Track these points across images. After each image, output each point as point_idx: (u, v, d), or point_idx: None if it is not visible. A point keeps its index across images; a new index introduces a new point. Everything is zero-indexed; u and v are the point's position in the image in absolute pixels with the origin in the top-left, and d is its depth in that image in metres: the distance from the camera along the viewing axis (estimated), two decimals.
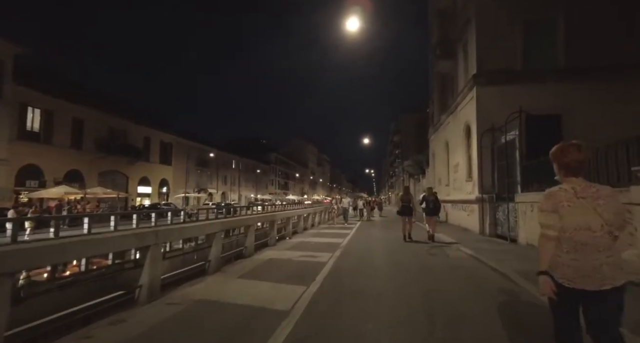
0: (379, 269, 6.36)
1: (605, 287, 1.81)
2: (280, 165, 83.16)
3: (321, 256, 7.82)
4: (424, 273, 5.89)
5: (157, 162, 36.84)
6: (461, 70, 14.99)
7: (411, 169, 35.97)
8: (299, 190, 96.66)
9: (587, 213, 1.88)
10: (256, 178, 66.08)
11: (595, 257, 1.85)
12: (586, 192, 1.93)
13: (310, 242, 10.64)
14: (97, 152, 28.23)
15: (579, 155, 2.01)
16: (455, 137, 15.53)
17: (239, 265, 7.09)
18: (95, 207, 25.61)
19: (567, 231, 1.89)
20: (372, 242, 10.40)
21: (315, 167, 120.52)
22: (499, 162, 11.18)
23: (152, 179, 36.18)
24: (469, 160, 14.04)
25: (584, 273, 1.85)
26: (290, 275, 5.97)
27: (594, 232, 1.85)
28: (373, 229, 14.46)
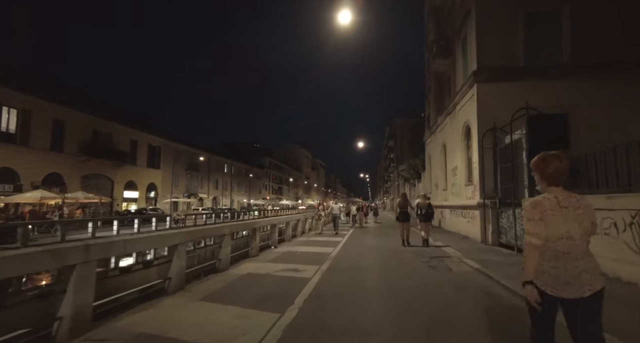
0: (370, 289, 5.37)
1: (586, 294, 1.87)
2: (274, 170, 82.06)
3: (306, 270, 6.82)
4: (426, 296, 4.91)
5: (144, 165, 35.64)
6: (459, 68, 14.18)
7: (406, 174, 35.13)
8: (293, 195, 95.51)
9: (569, 222, 1.93)
10: (249, 182, 64.87)
11: (575, 264, 1.91)
12: (568, 202, 1.98)
13: (297, 252, 9.64)
14: (80, 154, 27.05)
15: (560, 165, 2.04)
16: (454, 138, 14.68)
17: (208, 282, 6.07)
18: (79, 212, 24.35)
19: (550, 240, 1.94)
20: (365, 252, 9.41)
21: (309, 171, 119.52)
22: (502, 165, 10.29)
23: (139, 183, 34.95)
24: (468, 163, 13.16)
25: (565, 280, 1.90)
26: (264, 297, 4.96)
27: (574, 241, 1.91)
28: (366, 237, 13.45)
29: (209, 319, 4.02)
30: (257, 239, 9.04)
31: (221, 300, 4.81)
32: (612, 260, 5.38)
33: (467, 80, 12.29)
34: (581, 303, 1.88)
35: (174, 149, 41.30)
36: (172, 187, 38.41)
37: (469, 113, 12.50)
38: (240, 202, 60.97)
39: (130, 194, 33.95)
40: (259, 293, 5.20)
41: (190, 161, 44.74)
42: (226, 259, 7.17)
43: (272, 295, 5.04)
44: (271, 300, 4.80)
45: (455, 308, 4.26)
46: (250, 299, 4.85)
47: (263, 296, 5.02)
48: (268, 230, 11.22)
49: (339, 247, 10.39)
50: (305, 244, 11.40)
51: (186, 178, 44.47)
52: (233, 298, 4.95)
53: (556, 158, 2.06)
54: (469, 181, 12.76)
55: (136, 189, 34.75)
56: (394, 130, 64.34)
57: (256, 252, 9.00)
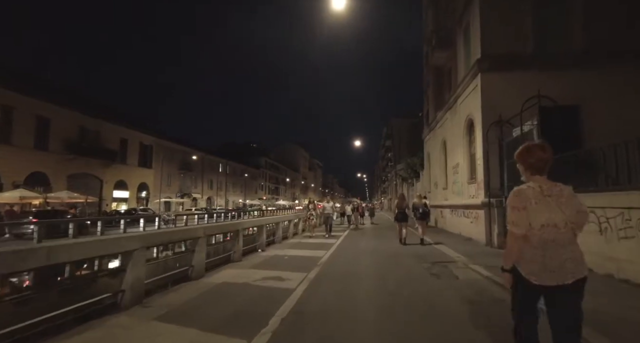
0: (363, 304, 4.49)
1: (568, 281, 1.90)
2: (270, 170, 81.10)
3: (290, 279, 5.94)
4: (430, 313, 4.03)
5: (135, 164, 34.61)
6: (461, 59, 13.34)
7: (404, 173, 34.29)
8: (290, 195, 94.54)
9: (552, 211, 1.94)
10: (244, 182, 63.87)
11: (560, 252, 1.94)
12: (551, 191, 2.00)
13: (285, 255, 8.75)
14: (66, 153, 26.03)
15: (543, 155, 2.07)
16: (455, 134, 13.84)
17: (175, 294, 5.18)
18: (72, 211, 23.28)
19: (534, 228, 1.95)
20: (359, 256, 8.52)
21: (306, 171, 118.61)
22: (509, 160, 9.45)
23: (130, 183, 33.91)
24: (471, 160, 12.32)
25: (550, 268, 1.92)
26: (234, 315, 4.08)
27: (559, 229, 1.93)
28: (362, 239, 12.54)
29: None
30: (240, 242, 8.14)
31: (180, 320, 3.92)
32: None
33: (470, 71, 11.45)
34: (563, 290, 1.92)
35: (167, 148, 40.30)
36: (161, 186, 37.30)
37: (471, 106, 11.67)
38: (236, 202, 59.95)
39: (120, 194, 32.90)
40: (229, 309, 4.31)
41: (184, 160, 43.73)
42: (200, 266, 6.28)
43: (243, 313, 4.16)
44: (241, 319, 3.92)
45: (468, 331, 3.39)
46: (216, 318, 3.97)
47: (233, 313, 4.13)
48: (255, 232, 10.30)
49: (332, 250, 9.50)
50: (295, 247, 10.52)
51: (179, 178, 43.45)
52: (196, 316, 4.06)
53: (539, 148, 2.10)
54: (472, 179, 11.92)
55: (127, 189, 33.70)
56: (391, 130, 63.57)
57: (239, 257, 8.10)
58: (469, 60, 12.13)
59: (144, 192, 36.59)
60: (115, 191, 32.20)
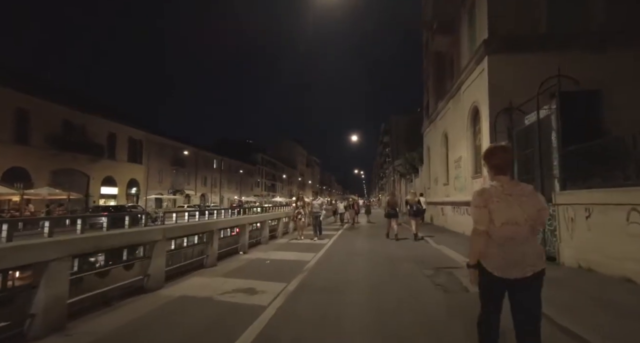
0: (349, 332, 3.44)
1: (528, 274, 2.02)
2: (266, 166, 79.93)
3: (265, 291, 4.89)
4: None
5: (124, 160, 33.42)
6: (465, 43, 12.26)
7: (402, 169, 33.25)
8: (287, 192, 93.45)
9: (513, 209, 2.03)
10: (240, 179, 62.73)
11: (519, 248, 2.04)
12: (513, 189, 2.10)
13: (268, 259, 7.70)
14: (49, 148, 24.85)
15: (505, 156, 2.22)
16: (457, 125, 12.78)
17: (113, 313, 4.12)
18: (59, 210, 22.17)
19: (496, 225, 2.04)
20: (351, 260, 7.46)
21: (304, 168, 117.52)
22: (521, 151, 8.41)
23: (119, 179, 32.74)
24: (476, 152, 11.29)
25: (512, 263, 2.03)
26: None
27: (519, 226, 2.02)
28: (356, 240, 11.43)
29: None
30: (215, 245, 7.07)
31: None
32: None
33: (476, 54, 10.38)
34: (523, 282, 2.03)
35: (159, 143, 39.10)
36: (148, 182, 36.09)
37: (477, 92, 10.61)
38: (231, 199, 58.83)
39: (109, 190, 31.75)
40: (173, 339, 3.25)
41: (176, 156, 42.52)
42: (159, 275, 5.21)
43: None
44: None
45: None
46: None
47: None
48: (235, 232, 9.23)
49: (322, 252, 8.45)
50: (282, 248, 9.46)
51: (172, 174, 42.27)
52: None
53: (502, 149, 2.27)
54: (477, 173, 10.89)
55: (115, 185, 32.55)
56: (389, 126, 62.45)
57: (213, 261, 7.04)
58: (474, 44, 11.06)
59: (134, 188, 35.45)
60: (103, 187, 31.05)
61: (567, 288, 4.53)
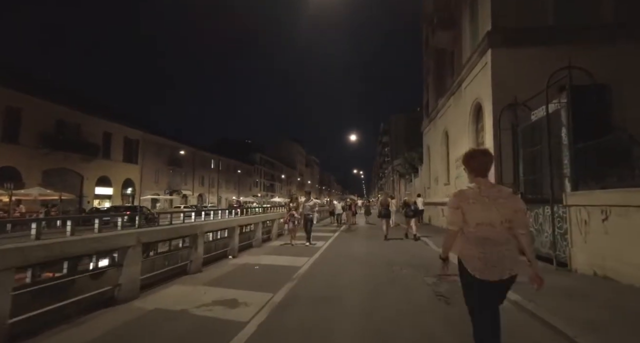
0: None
1: (505, 276, 2.08)
2: (265, 166, 79.41)
3: (248, 303, 4.40)
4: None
5: (119, 160, 32.89)
6: (466, 38, 11.77)
7: (401, 169, 32.79)
8: (286, 192, 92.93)
9: (488, 210, 2.09)
10: (238, 179, 62.20)
11: (497, 249, 2.09)
12: (489, 192, 2.16)
13: (257, 265, 7.20)
14: (41, 147, 24.33)
15: (484, 159, 2.28)
16: (459, 123, 12.30)
17: (66, 332, 3.61)
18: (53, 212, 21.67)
19: (471, 226, 2.12)
20: (347, 266, 6.96)
21: (303, 168, 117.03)
22: (527, 149, 7.93)
23: (114, 179, 32.21)
24: None
25: (491, 264, 2.08)
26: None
27: (494, 227, 2.09)
28: (353, 243, 10.86)
29: None
30: (200, 250, 6.57)
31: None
32: None
33: (478, 47, 9.89)
34: (499, 284, 2.09)
35: (155, 142, 38.59)
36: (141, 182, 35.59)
37: (479, 88, 10.13)
38: (229, 200, 58.32)
39: (104, 191, 31.22)
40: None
41: (173, 156, 42.00)
42: (132, 284, 4.72)
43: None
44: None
45: None
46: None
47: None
48: (224, 235, 8.73)
49: (315, 256, 7.95)
50: (274, 252, 8.96)
51: (168, 175, 41.74)
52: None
53: (482, 153, 2.33)
54: None
55: (110, 185, 32.03)
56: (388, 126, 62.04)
57: (198, 267, 6.54)
58: (476, 38, 10.58)
59: (130, 188, 34.93)
60: (98, 188, 30.52)
61: (585, 301, 4.04)
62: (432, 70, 17.58)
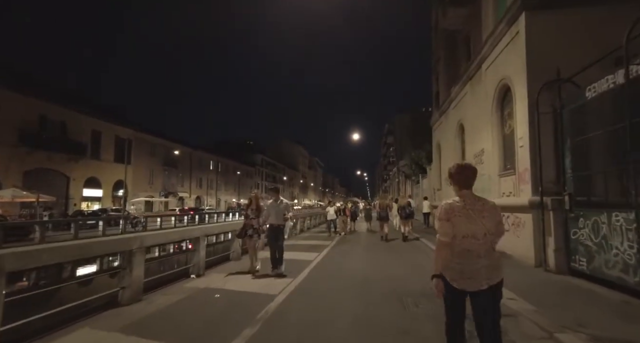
0: None
1: (484, 287, 2.15)
2: (267, 168, 77.72)
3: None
4: None
5: (110, 160, 31.30)
6: (488, 9, 9.89)
7: (407, 169, 30.87)
8: (288, 195, 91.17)
9: (473, 223, 2.15)
10: (238, 181, 60.49)
11: (476, 261, 2.16)
12: (474, 205, 2.21)
13: (218, 291, 5.35)
14: (21, 145, 22.73)
15: (469, 172, 2.30)
16: (478, 112, 10.41)
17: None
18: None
19: (457, 238, 2.17)
20: (337, 299, 4.90)
21: (306, 170, 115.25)
22: (577, 137, 6.05)
23: (104, 180, 30.64)
24: (504, 142, 8.92)
25: (467, 275, 2.17)
26: None
27: (478, 240, 2.15)
28: (349, 258, 8.44)
29: None
30: (138, 271, 4.73)
31: None
32: None
33: (506, 14, 8.00)
34: (481, 294, 2.16)
35: (149, 142, 37.00)
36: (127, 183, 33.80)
37: (507, 66, 8.25)
38: (229, 202, 56.64)
39: (92, 192, 29.64)
40: None
41: (168, 156, 40.37)
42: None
43: None
44: None
45: None
46: None
47: None
48: (183, 248, 6.90)
49: (297, 281, 6.02)
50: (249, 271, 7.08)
51: (163, 176, 40.10)
52: None
53: (469, 168, 2.33)
54: (508, 168, 8.51)
55: (100, 187, 30.44)
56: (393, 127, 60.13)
57: (135, 295, 4.71)
58: (501, 6, 8.73)
59: (122, 190, 33.29)
60: (86, 189, 28.93)
61: None
62: (443, 57, 15.72)
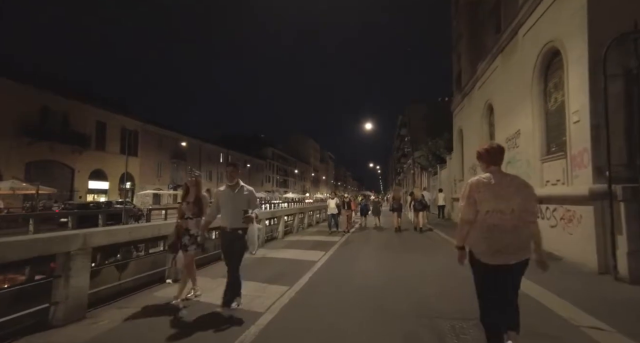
0: None
1: (511, 262, 2.23)
2: (278, 161, 76.72)
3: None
4: None
5: (116, 152, 30.54)
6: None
7: (423, 160, 29.17)
8: (300, 188, 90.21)
9: (498, 198, 2.24)
10: (249, 174, 59.67)
11: (503, 236, 2.21)
12: (501, 181, 2.29)
13: (187, 305, 4.12)
14: (23, 136, 22.09)
15: (497, 150, 2.43)
16: (513, 86, 8.87)
17: None
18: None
19: (482, 213, 2.25)
20: (344, 327, 3.65)
21: (318, 163, 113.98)
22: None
23: (110, 173, 29.98)
24: (547, 120, 7.42)
25: (495, 249, 2.23)
26: None
27: (504, 215, 2.22)
28: (358, 265, 6.60)
29: None
30: (77, 281, 3.47)
31: None
32: None
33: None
34: (506, 269, 2.24)
35: (156, 134, 36.24)
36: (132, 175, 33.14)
37: (555, 26, 6.71)
38: None
39: (98, 185, 29.04)
40: None
41: (177, 149, 39.62)
42: None
43: None
44: None
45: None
46: None
47: None
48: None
49: (274, 314, 4.07)
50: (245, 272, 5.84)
51: (172, 168, 39.40)
52: None
53: (495, 147, 2.46)
54: (557, 150, 7.01)
55: (106, 179, 29.82)
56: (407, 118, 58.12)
57: (74, 313, 3.54)
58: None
59: (129, 183, 32.65)
60: (92, 181, 28.33)
61: None
62: (466, 32, 14.08)
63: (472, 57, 13.39)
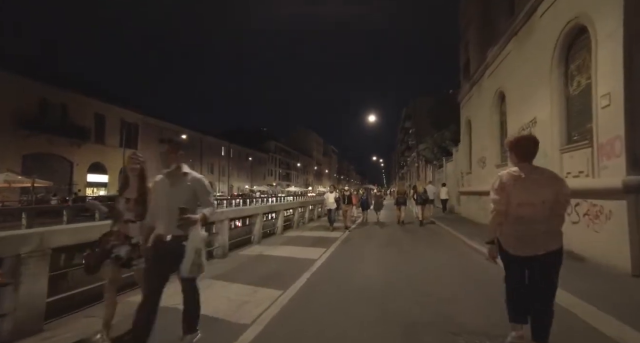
0: None
1: (540, 252, 2.23)
2: (280, 154, 76.14)
3: None
4: None
5: (115, 145, 30.07)
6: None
7: (428, 153, 28.50)
8: (302, 182, 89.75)
9: (529, 191, 2.25)
10: (251, 167, 59.21)
11: (533, 227, 2.23)
12: (531, 174, 2.30)
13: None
14: (20, 128, 21.66)
15: (531, 143, 2.40)
16: (528, 71, 8.18)
17: None
18: None
19: (512, 206, 2.26)
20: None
21: (320, 157, 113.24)
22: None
23: (109, 166, 29.53)
24: (568, 107, 6.77)
25: (524, 241, 2.26)
26: None
27: (534, 207, 2.23)
28: (361, 265, 5.96)
29: None
30: (31, 288, 2.99)
31: None
32: None
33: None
34: (536, 260, 2.25)
35: (157, 127, 35.72)
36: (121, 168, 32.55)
37: (578, 2, 6.03)
38: (242, 189, 55.51)
39: (97, 178, 28.65)
40: None
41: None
42: None
43: None
44: None
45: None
46: None
47: None
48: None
49: (263, 325, 3.52)
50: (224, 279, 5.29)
51: None
52: None
53: (528, 139, 2.43)
54: (575, 140, 6.38)
55: (105, 172, 29.42)
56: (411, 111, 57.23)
57: (22, 324, 3.01)
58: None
59: None
60: (91, 175, 27.94)
61: None
62: (474, 17, 13.34)
63: (481, 42, 12.65)
